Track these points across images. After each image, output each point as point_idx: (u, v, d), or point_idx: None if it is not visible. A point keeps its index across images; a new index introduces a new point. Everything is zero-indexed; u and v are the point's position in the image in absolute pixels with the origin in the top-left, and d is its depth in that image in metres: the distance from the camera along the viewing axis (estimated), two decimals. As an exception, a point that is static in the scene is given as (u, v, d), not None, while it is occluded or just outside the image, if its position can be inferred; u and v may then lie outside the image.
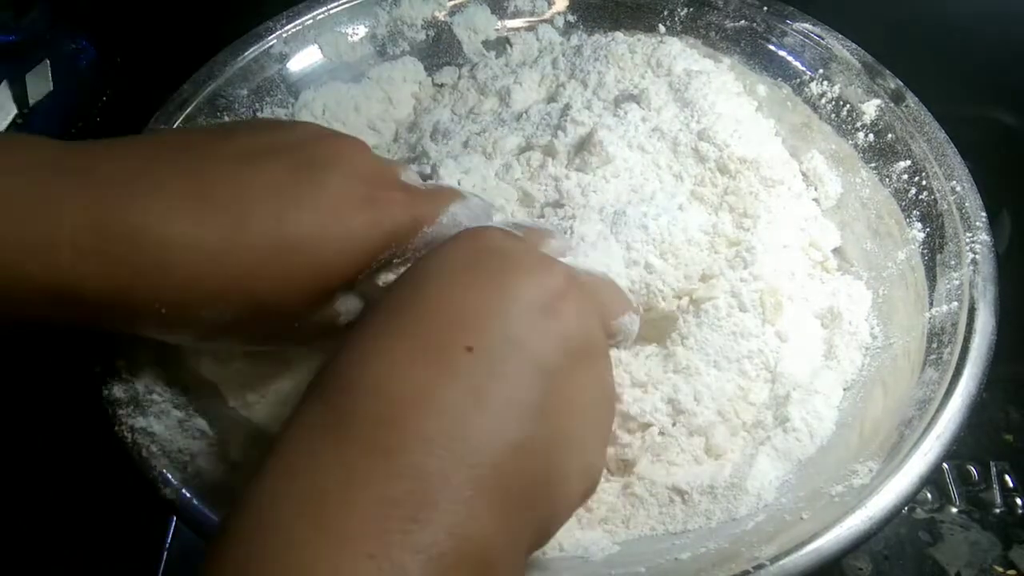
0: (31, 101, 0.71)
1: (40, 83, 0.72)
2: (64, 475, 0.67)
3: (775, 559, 0.42)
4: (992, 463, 0.69)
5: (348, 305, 0.46)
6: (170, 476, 0.45)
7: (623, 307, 0.47)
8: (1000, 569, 0.64)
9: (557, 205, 0.54)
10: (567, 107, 0.59)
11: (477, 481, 0.33)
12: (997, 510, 0.67)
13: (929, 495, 0.67)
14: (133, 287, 0.40)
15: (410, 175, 0.48)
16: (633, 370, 0.51)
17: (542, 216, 0.54)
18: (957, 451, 0.66)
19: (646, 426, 0.50)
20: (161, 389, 0.49)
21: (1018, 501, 0.67)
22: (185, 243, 0.40)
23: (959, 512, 0.66)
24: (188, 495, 0.44)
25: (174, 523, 0.66)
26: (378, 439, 0.33)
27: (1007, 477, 0.68)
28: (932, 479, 0.62)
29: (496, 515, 0.34)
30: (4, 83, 0.70)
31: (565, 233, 0.52)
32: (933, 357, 0.49)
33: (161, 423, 0.47)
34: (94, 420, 0.47)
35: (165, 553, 0.65)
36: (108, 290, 0.40)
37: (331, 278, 0.43)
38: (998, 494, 0.67)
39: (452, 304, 0.38)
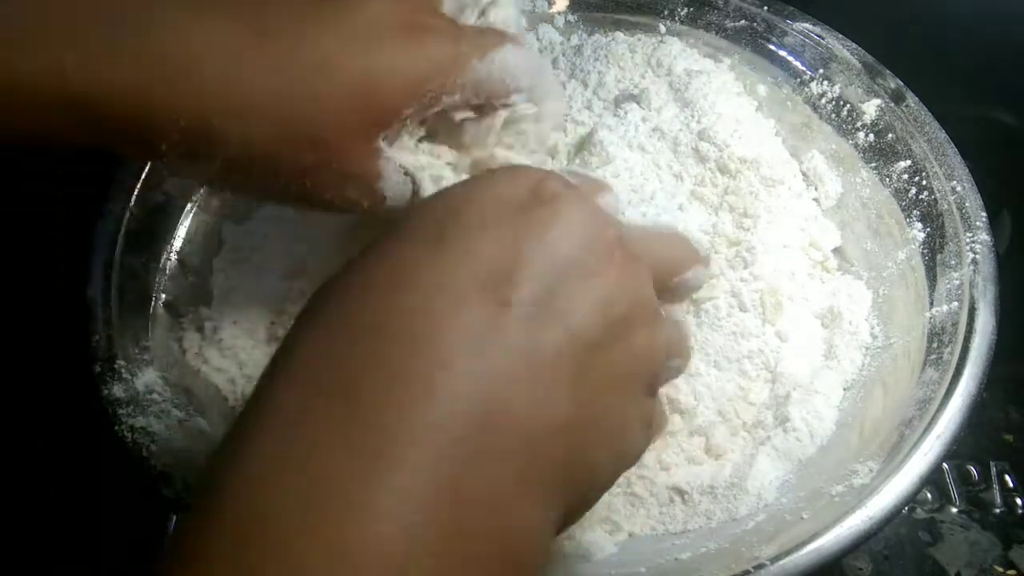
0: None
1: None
2: (64, 475, 0.67)
3: (775, 559, 0.42)
4: (992, 463, 0.69)
5: (390, 171, 0.42)
6: (170, 475, 0.45)
7: (689, 261, 0.42)
8: (1000, 569, 0.64)
9: None
10: (567, 107, 0.59)
11: (517, 466, 0.30)
12: (997, 510, 0.67)
13: (929, 495, 0.67)
14: (152, 93, 0.38)
15: (448, 3, 0.45)
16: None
17: None
18: (957, 451, 0.66)
19: None
20: (161, 389, 0.49)
21: (1018, 501, 0.67)
22: (207, 48, 0.38)
23: (959, 512, 0.66)
24: (188, 495, 0.44)
25: (174, 523, 0.66)
26: (388, 423, 0.29)
27: (1007, 477, 0.68)
28: (932, 479, 0.62)
29: (532, 502, 0.31)
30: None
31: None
32: (933, 357, 0.50)
33: (161, 423, 0.47)
34: (94, 420, 0.47)
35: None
36: (126, 99, 0.37)
37: (371, 108, 0.40)
38: (998, 494, 0.67)
39: (489, 247, 0.33)
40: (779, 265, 0.54)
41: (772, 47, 0.62)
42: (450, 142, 0.45)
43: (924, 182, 0.55)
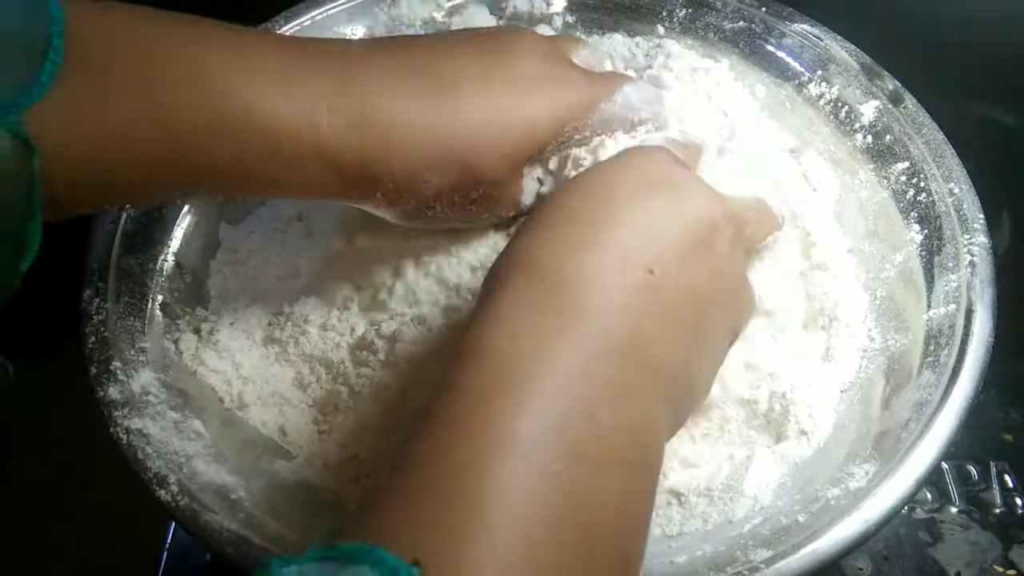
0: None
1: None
2: (64, 475, 0.67)
3: (770, 562, 0.42)
4: (992, 463, 0.69)
5: (530, 184, 0.51)
6: (165, 478, 0.45)
7: (770, 228, 0.52)
8: (1000, 569, 0.64)
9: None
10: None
11: (662, 391, 0.39)
12: (997, 510, 0.67)
13: (929, 495, 0.67)
14: (375, 153, 0.45)
15: (582, 54, 0.54)
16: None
17: None
18: (957, 451, 0.66)
19: None
20: (157, 391, 0.49)
21: (1018, 501, 0.67)
22: (413, 120, 0.46)
23: (959, 512, 0.66)
24: (183, 497, 0.44)
25: (174, 523, 0.66)
26: (591, 333, 0.37)
27: (1007, 477, 0.68)
28: (929, 481, 0.62)
29: (657, 406, 0.39)
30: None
31: None
32: (930, 359, 0.49)
33: (156, 425, 0.47)
34: (93, 420, 0.47)
35: (165, 553, 0.65)
36: (359, 157, 0.45)
37: (526, 148, 0.48)
38: (998, 494, 0.67)
39: (635, 224, 0.40)
40: (778, 266, 0.54)
41: (770, 48, 0.62)
42: None
43: (922, 184, 0.55)
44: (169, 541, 0.66)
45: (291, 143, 0.43)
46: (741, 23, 0.63)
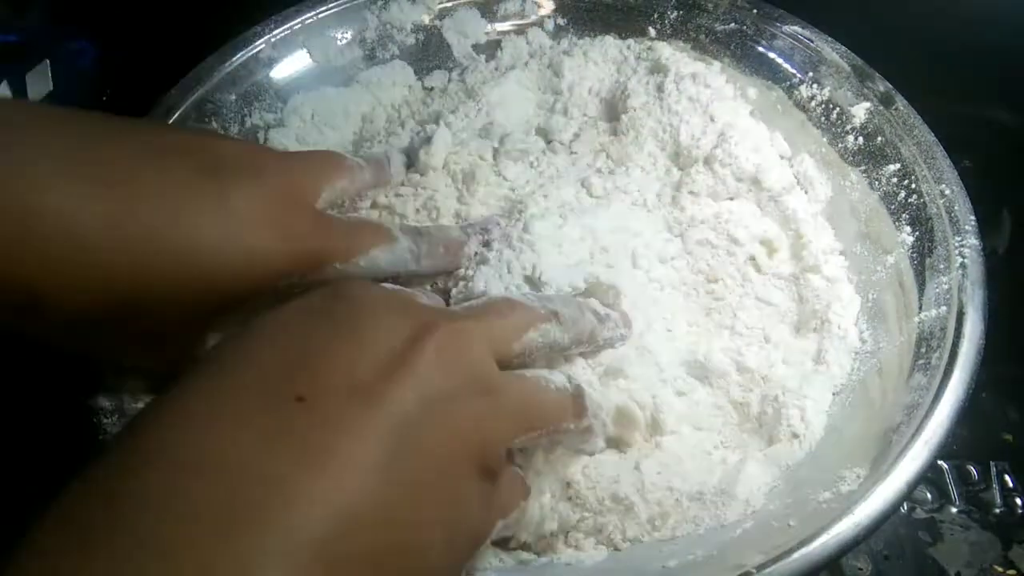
0: (30, 101, 0.71)
1: (40, 83, 0.72)
2: (64, 474, 0.67)
3: (762, 566, 0.42)
4: (992, 463, 0.68)
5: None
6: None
7: (526, 323, 0.42)
8: (1000, 569, 0.64)
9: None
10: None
11: (313, 558, 0.29)
12: (997, 510, 0.66)
13: (929, 495, 0.67)
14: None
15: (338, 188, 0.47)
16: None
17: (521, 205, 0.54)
18: (957, 451, 0.66)
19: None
20: (148, 398, 0.48)
21: (1018, 501, 0.67)
22: (71, 216, 0.37)
23: (959, 512, 0.66)
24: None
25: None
26: (196, 516, 0.29)
27: (1007, 477, 0.68)
28: (921, 483, 0.61)
29: None
30: (4, 83, 0.70)
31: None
32: (922, 362, 0.49)
33: (146, 432, 0.47)
34: (82, 428, 0.47)
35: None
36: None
37: (222, 294, 0.41)
38: (998, 494, 0.67)
39: (282, 351, 0.34)
40: (770, 268, 0.55)
41: (762, 50, 0.62)
42: None
43: (913, 185, 0.55)
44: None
45: None
46: (732, 25, 0.63)
